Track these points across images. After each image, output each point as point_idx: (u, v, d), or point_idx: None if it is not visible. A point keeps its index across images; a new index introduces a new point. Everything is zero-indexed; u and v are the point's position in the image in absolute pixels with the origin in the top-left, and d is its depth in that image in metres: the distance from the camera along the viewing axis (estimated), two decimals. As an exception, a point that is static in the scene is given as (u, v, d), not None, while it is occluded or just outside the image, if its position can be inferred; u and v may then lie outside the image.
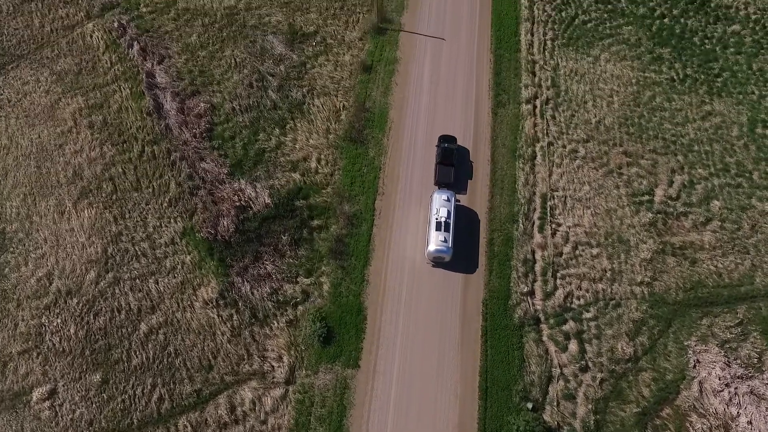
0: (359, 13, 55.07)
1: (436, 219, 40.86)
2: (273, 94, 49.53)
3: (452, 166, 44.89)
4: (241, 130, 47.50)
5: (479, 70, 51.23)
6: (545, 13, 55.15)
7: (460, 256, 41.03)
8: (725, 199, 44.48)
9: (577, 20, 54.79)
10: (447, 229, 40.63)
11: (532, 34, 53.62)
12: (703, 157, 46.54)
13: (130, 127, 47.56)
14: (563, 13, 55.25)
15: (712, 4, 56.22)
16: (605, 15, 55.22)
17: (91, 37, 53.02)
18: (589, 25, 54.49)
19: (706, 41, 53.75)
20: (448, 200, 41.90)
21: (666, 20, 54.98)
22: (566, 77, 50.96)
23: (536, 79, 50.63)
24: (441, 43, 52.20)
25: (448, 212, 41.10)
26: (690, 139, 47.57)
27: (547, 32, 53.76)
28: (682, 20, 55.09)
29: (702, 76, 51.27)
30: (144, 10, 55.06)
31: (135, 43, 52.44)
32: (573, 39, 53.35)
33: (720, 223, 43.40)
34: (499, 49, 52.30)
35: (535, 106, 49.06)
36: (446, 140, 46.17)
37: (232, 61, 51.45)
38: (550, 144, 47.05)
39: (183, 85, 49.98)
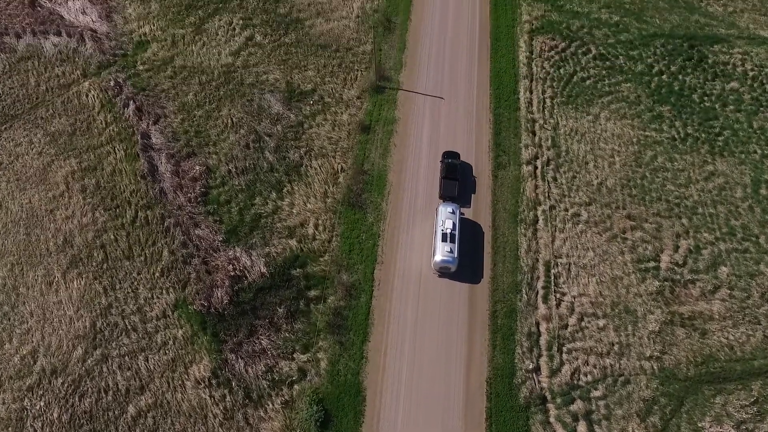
0: (357, 70, 54.96)
1: (442, 230, 42.23)
2: (270, 155, 48.84)
3: (456, 180, 46.78)
4: (237, 194, 46.56)
5: (479, 130, 50.79)
6: (543, 70, 55.16)
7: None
8: (733, 265, 43.44)
9: (575, 77, 54.78)
10: (453, 240, 42.06)
11: (531, 92, 53.49)
12: (708, 221, 45.71)
13: (124, 191, 46.58)
14: (561, 70, 55.27)
15: (710, 61, 56.40)
16: (604, 72, 55.26)
17: (87, 96, 52.56)
18: (587, 82, 54.45)
19: (706, 98, 53.65)
20: (453, 213, 43.51)
21: (665, 77, 55.01)
22: (567, 136, 50.53)
23: (536, 139, 50.18)
24: (440, 102, 51.91)
25: (453, 224, 42.65)
26: (694, 201, 46.84)
27: (546, 90, 53.63)
28: (680, 77, 55.13)
29: (703, 135, 50.93)
30: (141, 67, 54.86)
31: (131, 102, 51.94)
32: (572, 97, 53.18)
33: (729, 291, 42.20)
34: (499, 108, 52.01)
35: (535, 167, 48.44)
36: (450, 156, 48.00)
37: (229, 120, 50.94)
38: (552, 207, 46.20)
39: (178, 147, 49.28)
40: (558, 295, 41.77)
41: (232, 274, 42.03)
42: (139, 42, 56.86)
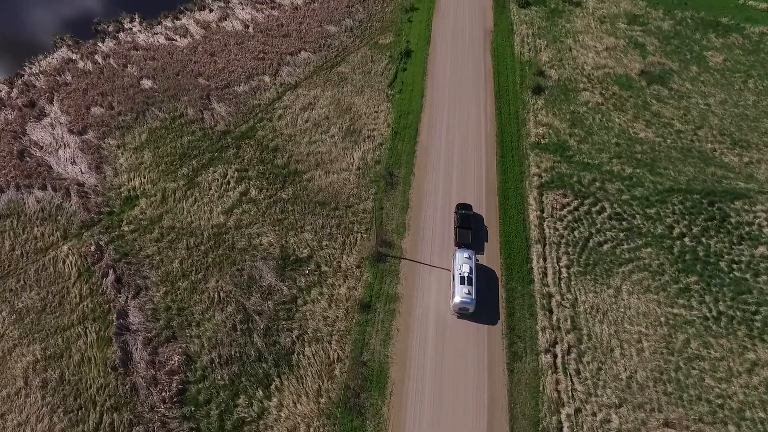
0: (357, 232, 51.39)
1: (460, 274, 45.63)
2: (259, 339, 43.80)
3: (470, 229, 50.63)
4: (218, 392, 40.96)
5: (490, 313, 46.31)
6: (557, 233, 51.62)
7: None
8: (796, 491, 37.09)
9: (591, 241, 51.06)
10: (470, 283, 45.29)
11: (545, 260, 49.51)
12: (759, 429, 39.85)
13: (90, 386, 40.98)
14: (576, 233, 51.68)
15: (733, 221, 52.98)
16: (621, 235, 51.64)
17: (64, 263, 48.53)
18: (605, 247, 50.67)
19: (734, 267, 49.54)
20: (470, 258, 47.10)
21: (687, 240, 51.30)
22: (587, 316, 45.80)
23: (554, 319, 45.40)
24: (446, 276, 47.77)
25: (470, 268, 46.14)
26: (739, 402, 41.07)
27: (560, 257, 49.69)
28: (703, 240, 51.40)
29: (738, 314, 46.15)
30: (126, 228, 51.36)
31: (110, 271, 47.79)
32: (590, 265, 49.14)
33: None
34: (511, 282, 47.76)
35: (555, 356, 43.17)
36: (463, 207, 52.27)
37: (216, 295, 46.48)
38: (577, 411, 40.35)
39: (157, 328, 44.37)
40: None
41: (205, 506, 35.68)
42: (127, 198, 53.87)
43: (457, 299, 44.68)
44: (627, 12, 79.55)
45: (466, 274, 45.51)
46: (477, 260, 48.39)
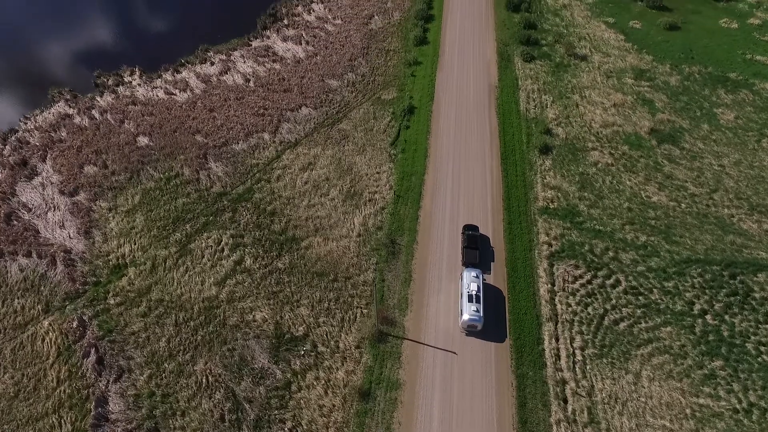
0: (357, 307, 48.34)
1: (468, 292, 46.83)
2: (248, 433, 40.44)
3: (477, 249, 51.83)
4: (201, 497, 37.44)
5: (500, 399, 42.33)
6: (569, 309, 48.48)
7: None
8: None
9: (606, 319, 47.84)
10: (478, 301, 46.47)
11: (557, 340, 46.18)
12: None
13: (61, 489, 37.64)
14: (590, 309, 48.55)
15: (757, 296, 49.77)
16: (638, 311, 48.47)
17: (43, 341, 45.44)
18: (621, 325, 47.40)
19: (763, 349, 46.11)
20: (477, 277, 48.41)
21: (709, 318, 48.04)
22: (605, 406, 42.18)
23: (569, 410, 41.73)
24: (452, 360, 44.47)
25: (478, 287, 47.30)
26: None
27: (574, 337, 46.41)
28: (727, 318, 48.15)
29: (770, 405, 42.72)
30: (112, 301, 48.43)
31: (92, 350, 44.61)
32: (606, 347, 45.76)
33: None
34: (521, 366, 44.33)
35: (573, 456, 39.66)
36: (470, 228, 53.67)
37: (204, 379, 43.10)
38: None
39: (139, 418, 40.82)
40: None
41: None
42: (115, 266, 51.18)
43: (466, 316, 45.86)
44: (633, 66, 78.44)
45: (474, 292, 46.80)
46: (484, 279, 49.65)
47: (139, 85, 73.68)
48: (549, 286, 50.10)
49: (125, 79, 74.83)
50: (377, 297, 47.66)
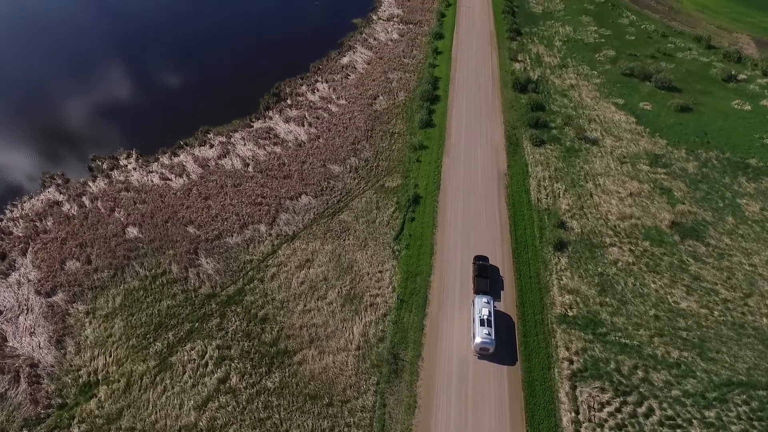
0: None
1: (480, 317, 48.85)
2: None
3: (487, 278, 54.63)
4: None
5: None
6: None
7: None
8: None
9: (642, 460, 41.76)
10: (489, 325, 48.36)
11: (587, 487, 40.00)
12: None
13: None
14: (622, 446, 42.51)
15: (813, 431, 43.75)
16: (678, 450, 42.36)
17: (-8, 481, 40.01)
18: (660, 469, 41.24)
19: (829, 503, 39.64)
20: (488, 302, 50.71)
21: (761, 460, 41.90)
22: None
23: None
24: None
25: (489, 312, 49.38)
26: None
27: (606, 484, 40.21)
28: (782, 460, 41.93)
29: None
30: (76, 430, 42.84)
31: (46, 496, 39.01)
32: (644, 498, 39.48)
33: None
34: None
35: None
36: (480, 259, 56.68)
37: None
38: None
39: None
40: None
41: None
42: (85, 384, 45.75)
43: (478, 339, 47.81)
44: (647, 151, 75.58)
45: (485, 317, 48.87)
46: (495, 306, 51.77)
47: (135, 169, 71.08)
48: (572, 414, 43.99)
49: (121, 163, 72.38)
50: (378, 428, 41.78)
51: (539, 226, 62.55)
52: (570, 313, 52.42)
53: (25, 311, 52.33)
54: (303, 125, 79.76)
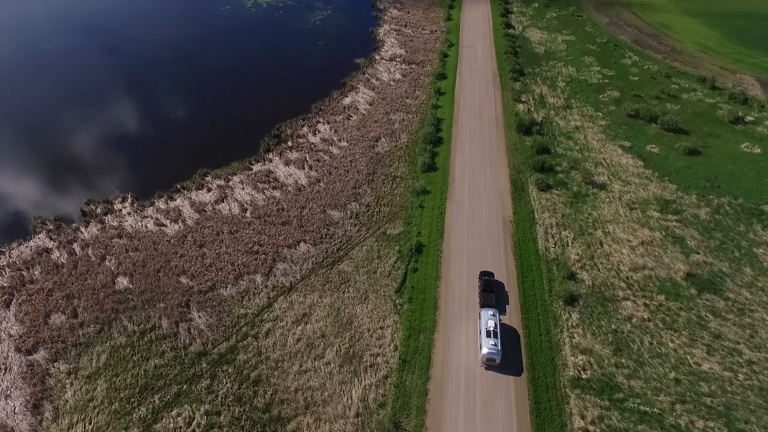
0: None
1: (486, 329, 50.71)
2: None
3: (493, 292, 56.17)
4: None
5: None
6: None
7: None
8: None
9: None
10: (496, 336, 50.27)
11: None
12: None
13: None
14: None
15: None
16: None
17: None
18: None
19: None
20: (494, 315, 52.21)
21: None
22: None
23: None
24: None
25: (495, 324, 51.22)
26: None
27: None
28: None
29: None
30: None
31: None
32: None
33: None
34: None
35: None
36: (486, 275, 58.08)
37: None
38: None
39: None
40: None
41: None
42: (61, 456, 42.85)
43: (485, 350, 49.34)
44: (657, 197, 73.32)
45: (491, 329, 50.68)
46: (500, 320, 53.76)
47: (129, 213, 69.11)
48: (591, 496, 40.40)
49: (116, 207, 70.46)
50: None
51: (548, 278, 59.71)
52: (584, 376, 48.97)
53: (3, 370, 49.33)
54: (303, 168, 78.17)
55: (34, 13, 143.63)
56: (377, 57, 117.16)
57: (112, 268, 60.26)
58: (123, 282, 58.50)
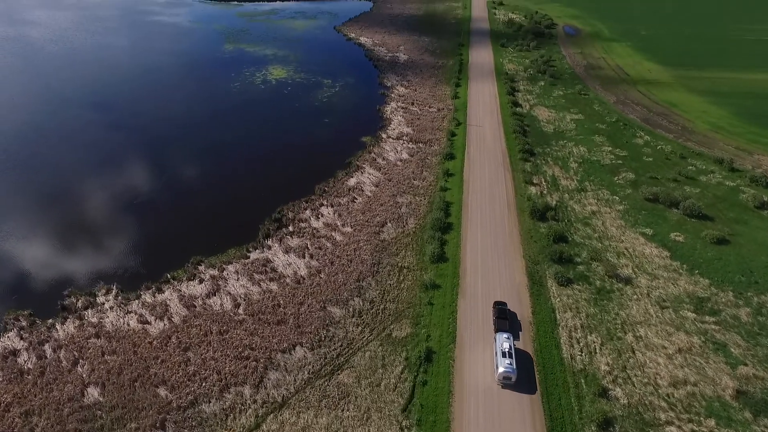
0: None
1: (502, 350, 54.45)
2: None
3: (506, 319, 60.14)
4: None
5: None
6: None
7: None
8: None
9: None
10: (511, 356, 53.75)
11: None
12: None
13: None
14: None
15: None
16: None
17: None
18: None
19: None
20: (509, 338, 56.32)
21: None
22: None
23: None
24: None
25: (510, 345, 55.05)
26: None
27: None
28: None
29: None
30: None
31: None
32: None
33: None
34: None
35: None
36: (499, 304, 62.17)
37: None
38: None
39: None
40: None
41: None
42: None
43: (501, 369, 52.28)
44: (689, 293, 66.77)
45: (507, 350, 54.12)
46: (514, 344, 56.12)
47: (112, 308, 63.21)
48: None
49: (98, 300, 64.74)
50: None
51: (576, 395, 52.21)
52: None
53: None
54: (304, 257, 72.98)
55: (39, 90, 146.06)
56: (384, 135, 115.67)
57: (84, 375, 53.55)
58: (93, 394, 51.59)
